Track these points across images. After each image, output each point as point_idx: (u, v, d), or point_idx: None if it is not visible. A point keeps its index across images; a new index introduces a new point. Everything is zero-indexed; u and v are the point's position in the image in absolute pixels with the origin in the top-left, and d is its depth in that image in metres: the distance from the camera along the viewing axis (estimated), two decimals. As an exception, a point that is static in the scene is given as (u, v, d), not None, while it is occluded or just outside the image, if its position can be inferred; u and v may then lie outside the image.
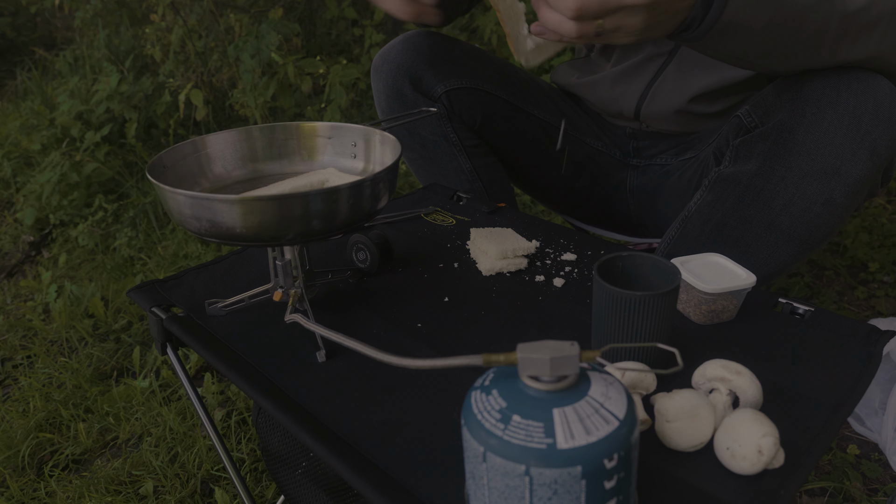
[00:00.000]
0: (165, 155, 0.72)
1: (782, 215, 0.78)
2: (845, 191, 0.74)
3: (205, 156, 0.78)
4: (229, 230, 0.61)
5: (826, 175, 0.74)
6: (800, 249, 0.80)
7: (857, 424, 1.06)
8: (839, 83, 0.72)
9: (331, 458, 0.53)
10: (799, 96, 0.74)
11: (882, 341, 0.63)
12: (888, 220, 1.65)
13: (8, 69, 3.95)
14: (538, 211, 1.83)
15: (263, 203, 0.59)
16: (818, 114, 0.72)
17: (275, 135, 0.82)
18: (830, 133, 0.72)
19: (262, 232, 0.61)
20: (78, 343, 1.52)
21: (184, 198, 0.61)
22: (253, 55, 2.04)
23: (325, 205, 0.61)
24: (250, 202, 0.59)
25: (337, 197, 0.61)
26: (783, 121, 0.75)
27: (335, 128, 0.81)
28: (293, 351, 0.67)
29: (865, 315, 1.36)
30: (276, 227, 0.61)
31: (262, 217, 0.60)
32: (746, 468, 0.48)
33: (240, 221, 0.60)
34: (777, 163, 0.76)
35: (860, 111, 0.71)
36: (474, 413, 0.41)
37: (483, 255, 0.82)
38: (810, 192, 0.75)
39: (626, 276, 0.62)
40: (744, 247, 0.83)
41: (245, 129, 0.80)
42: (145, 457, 1.15)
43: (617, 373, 0.54)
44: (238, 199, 0.59)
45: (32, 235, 2.17)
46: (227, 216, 0.60)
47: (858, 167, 0.73)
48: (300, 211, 0.60)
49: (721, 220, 0.83)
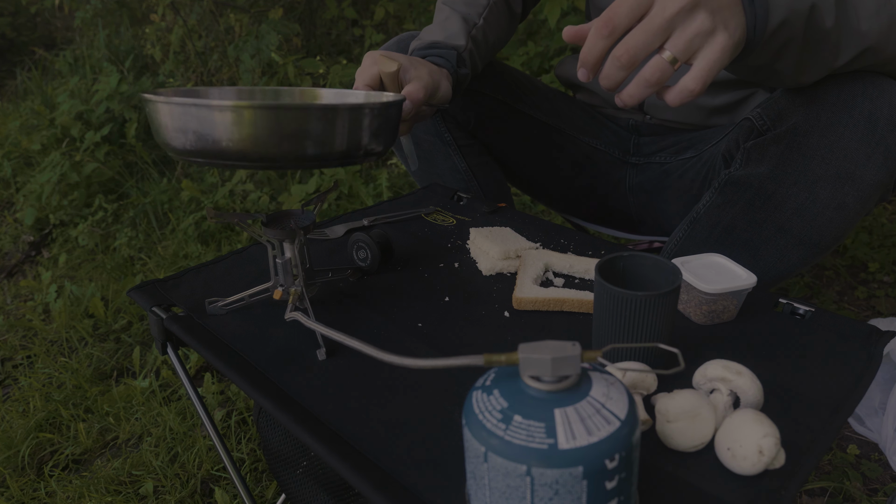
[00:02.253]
0: (164, 91, 0.69)
1: (793, 219, 0.77)
2: (858, 195, 0.74)
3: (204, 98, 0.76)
4: (215, 143, 0.56)
5: (840, 179, 0.73)
6: (809, 253, 0.80)
7: (857, 424, 1.06)
8: (854, 88, 0.71)
9: (331, 458, 0.53)
10: (814, 100, 0.73)
11: (882, 341, 0.63)
12: (888, 220, 1.66)
13: (8, 69, 3.95)
14: (538, 211, 1.83)
15: (256, 112, 0.55)
16: (833, 118, 0.72)
17: (279, 97, 0.80)
18: (846, 137, 0.72)
19: (251, 148, 0.57)
20: (78, 343, 1.52)
21: (172, 106, 0.56)
22: (253, 55, 2.04)
23: (321, 124, 0.57)
24: (242, 109, 0.55)
25: (334, 117, 0.57)
26: (797, 124, 0.74)
27: (339, 94, 0.80)
28: (293, 350, 0.67)
29: (865, 315, 1.36)
30: (265, 143, 0.56)
31: (253, 130, 0.55)
32: (747, 468, 0.48)
33: (227, 133, 0.55)
34: (790, 166, 0.76)
35: (876, 116, 0.71)
36: (475, 413, 0.41)
37: (483, 255, 0.82)
38: (823, 196, 0.75)
39: (627, 276, 0.62)
40: (753, 250, 0.82)
41: (248, 89, 0.78)
42: (145, 457, 1.15)
43: (618, 373, 0.54)
44: (230, 105, 0.55)
45: (32, 235, 2.17)
46: (217, 127, 0.56)
47: (872, 172, 0.72)
48: (293, 126, 0.56)
49: (730, 223, 0.83)
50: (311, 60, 2.06)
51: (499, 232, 0.86)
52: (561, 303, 0.71)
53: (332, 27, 2.75)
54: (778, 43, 0.64)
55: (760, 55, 0.65)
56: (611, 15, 0.55)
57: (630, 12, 0.55)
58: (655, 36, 0.55)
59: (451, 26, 0.97)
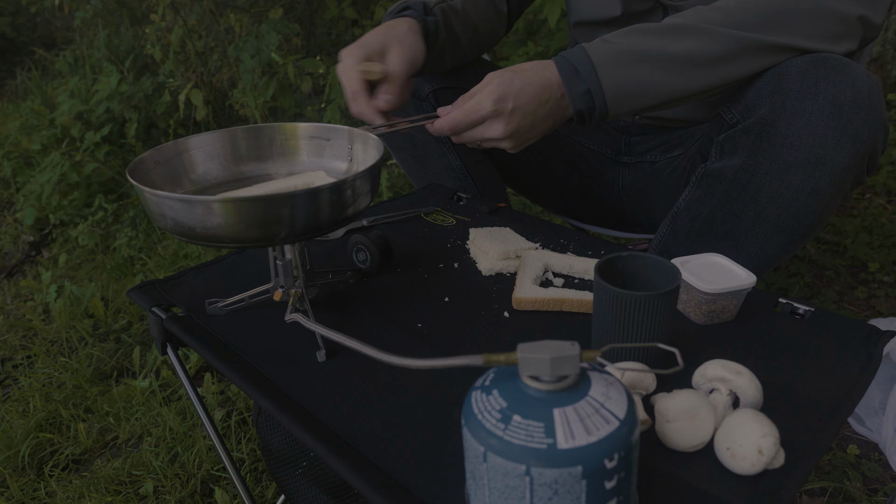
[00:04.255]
0: (149, 155, 0.72)
1: (769, 207, 0.78)
2: (831, 179, 0.75)
3: (188, 157, 0.77)
4: (191, 230, 0.61)
5: (811, 165, 0.74)
6: (789, 241, 0.81)
7: (857, 424, 1.06)
8: (817, 73, 0.73)
9: (331, 458, 0.53)
10: (778, 90, 0.75)
11: (882, 341, 0.63)
12: (888, 220, 1.66)
13: (8, 69, 3.95)
14: (538, 211, 1.83)
15: (219, 205, 0.58)
16: (798, 105, 0.73)
17: (260, 136, 0.81)
18: (812, 123, 0.73)
19: (224, 234, 0.60)
20: (78, 343, 1.52)
21: (149, 195, 0.61)
22: (253, 55, 2.04)
23: (288, 210, 0.60)
24: (204, 203, 0.58)
25: (296, 203, 0.60)
26: (764, 115, 0.76)
27: (323, 129, 0.80)
28: (293, 351, 0.67)
29: (865, 315, 1.36)
30: (236, 229, 0.60)
31: (221, 219, 0.59)
32: (746, 468, 0.48)
33: (198, 222, 0.60)
34: (761, 156, 0.77)
35: (840, 99, 0.72)
36: (475, 413, 0.41)
37: (483, 255, 0.82)
38: (796, 182, 0.76)
39: (627, 276, 0.62)
40: (733, 241, 0.83)
41: (228, 131, 0.79)
42: (145, 457, 1.15)
43: (617, 373, 0.54)
44: (192, 199, 0.58)
45: (32, 235, 2.18)
46: (185, 216, 0.60)
47: (843, 155, 0.73)
48: (260, 215, 0.59)
49: (709, 215, 0.84)
50: (311, 60, 2.06)
51: (498, 232, 0.86)
52: (560, 303, 0.71)
53: (332, 27, 2.75)
54: (634, 99, 0.77)
55: (631, 108, 0.78)
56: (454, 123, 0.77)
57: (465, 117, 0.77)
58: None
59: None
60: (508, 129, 0.76)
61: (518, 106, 0.75)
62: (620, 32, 0.77)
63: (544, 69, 0.77)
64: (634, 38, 0.76)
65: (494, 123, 0.76)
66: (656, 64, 0.75)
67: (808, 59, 0.74)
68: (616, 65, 0.75)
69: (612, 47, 0.76)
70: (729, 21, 0.74)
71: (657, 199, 1.13)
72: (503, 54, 2.30)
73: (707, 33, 0.74)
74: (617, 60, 0.75)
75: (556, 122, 0.80)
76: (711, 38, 0.74)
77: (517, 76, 0.76)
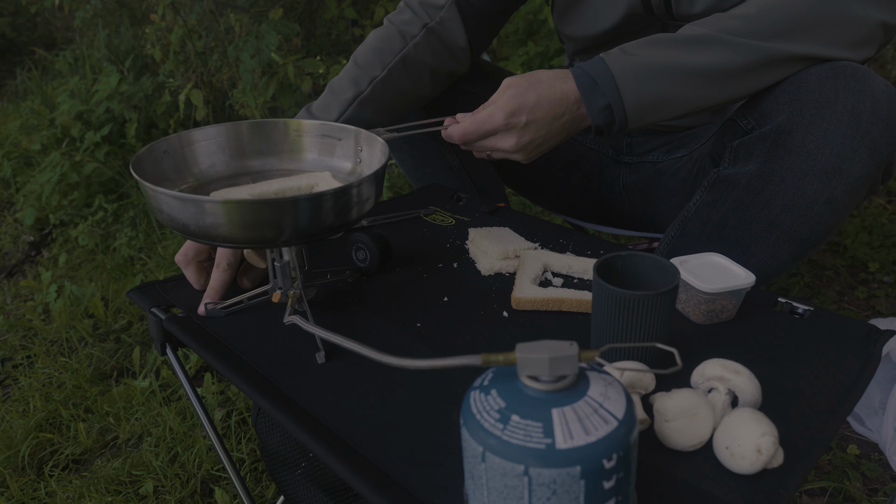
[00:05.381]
0: (154, 146, 0.72)
1: (783, 216, 0.78)
2: (846, 189, 0.74)
3: (195, 149, 0.77)
4: (184, 226, 0.61)
5: (827, 174, 0.74)
6: (800, 249, 0.80)
7: (857, 424, 1.06)
8: (836, 83, 0.72)
9: (330, 458, 0.53)
10: (796, 98, 0.74)
11: (882, 341, 0.63)
12: (888, 220, 1.65)
13: (8, 69, 3.95)
14: (537, 211, 1.83)
15: (213, 205, 0.59)
16: (817, 114, 0.72)
17: (263, 130, 0.81)
18: (830, 133, 0.72)
19: (214, 233, 0.60)
20: (78, 343, 1.52)
21: (148, 189, 0.62)
22: (253, 55, 2.04)
23: (278, 214, 0.59)
24: (196, 202, 0.59)
25: (289, 207, 0.60)
26: (781, 123, 0.75)
27: (334, 128, 0.80)
28: (293, 351, 0.67)
29: (865, 315, 1.36)
30: (226, 229, 0.60)
31: (214, 219, 0.59)
32: (745, 467, 0.48)
33: (191, 219, 0.60)
34: (777, 164, 0.76)
35: (859, 109, 0.71)
36: (473, 413, 0.41)
37: (483, 255, 0.82)
38: (811, 191, 0.75)
39: (626, 275, 0.62)
40: (744, 247, 0.83)
41: (233, 125, 0.80)
42: (145, 457, 1.15)
43: (616, 372, 0.54)
44: (185, 197, 0.59)
45: (32, 235, 2.18)
46: (179, 212, 0.60)
47: (859, 165, 0.73)
48: (252, 217, 0.59)
49: (721, 221, 0.84)
50: (311, 60, 2.05)
51: (498, 232, 0.86)
52: (559, 303, 0.71)
53: (332, 27, 2.75)
54: (654, 107, 0.75)
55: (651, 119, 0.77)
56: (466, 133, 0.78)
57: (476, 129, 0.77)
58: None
59: (327, 107, 0.95)
60: (520, 142, 0.75)
61: (532, 120, 0.75)
62: (640, 43, 0.76)
63: (561, 81, 0.76)
64: (655, 49, 0.74)
65: (506, 136, 0.76)
66: (679, 77, 0.73)
67: (828, 68, 0.73)
68: (638, 79, 0.73)
69: (634, 60, 0.74)
70: (751, 31, 0.73)
71: (659, 199, 1.13)
72: (503, 54, 2.30)
73: (729, 45, 0.73)
74: (638, 75, 0.73)
75: (570, 134, 0.79)
76: (734, 49, 0.73)
77: (532, 89, 0.75)
